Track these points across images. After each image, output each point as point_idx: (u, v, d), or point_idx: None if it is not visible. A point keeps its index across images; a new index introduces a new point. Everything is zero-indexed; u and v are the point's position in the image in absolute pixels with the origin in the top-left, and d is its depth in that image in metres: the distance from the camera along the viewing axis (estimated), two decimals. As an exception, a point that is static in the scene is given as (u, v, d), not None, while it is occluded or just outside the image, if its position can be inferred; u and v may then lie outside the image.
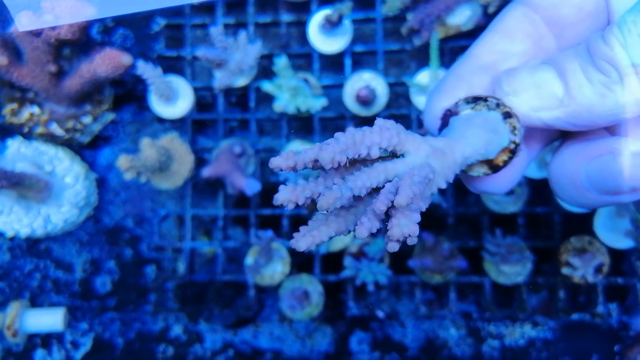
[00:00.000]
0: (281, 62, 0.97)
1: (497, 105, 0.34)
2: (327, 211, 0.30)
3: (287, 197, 0.31)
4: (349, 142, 0.30)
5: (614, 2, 0.35)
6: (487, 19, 0.98)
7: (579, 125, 0.34)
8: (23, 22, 0.87)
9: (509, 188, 0.37)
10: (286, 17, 1.08)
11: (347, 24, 1.03)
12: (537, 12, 0.37)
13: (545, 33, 0.36)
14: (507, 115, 0.34)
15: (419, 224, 0.31)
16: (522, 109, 0.34)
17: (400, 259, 1.03)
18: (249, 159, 1.05)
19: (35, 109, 0.98)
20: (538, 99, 0.34)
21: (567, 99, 0.33)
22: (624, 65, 0.30)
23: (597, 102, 0.32)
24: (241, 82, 1.04)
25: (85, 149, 1.08)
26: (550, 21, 0.36)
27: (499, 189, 0.37)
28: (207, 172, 0.98)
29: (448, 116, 0.36)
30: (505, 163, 0.34)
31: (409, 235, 0.30)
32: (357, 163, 0.33)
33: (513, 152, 0.34)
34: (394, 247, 0.31)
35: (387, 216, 0.32)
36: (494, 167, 0.34)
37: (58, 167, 1.00)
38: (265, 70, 1.09)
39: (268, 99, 1.08)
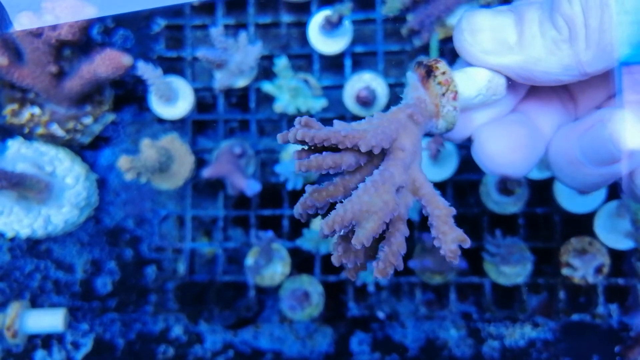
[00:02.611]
0: (281, 63, 0.97)
1: (417, 64, 0.35)
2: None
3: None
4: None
5: None
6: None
7: (522, 76, 0.34)
8: (23, 23, 0.87)
9: (527, 167, 0.37)
10: (286, 18, 1.08)
11: (347, 24, 1.03)
12: None
13: None
14: (422, 68, 0.35)
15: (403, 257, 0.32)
16: (472, 50, 0.35)
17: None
18: (249, 160, 1.05)
19: (36, 110, 0.99)
20: (491, 42, 0.34)
21: (517, 47, 0.33)
22: (577, 25, 0.31)
23: (544, 57, 0.32)
24: (241, 82, 1.04)
25: (85, 150, 1.08)
26: None
27: (516, 169, 0.36)
28: (207, 172, 0.98)
29: None
30: (439, 107, 0.35)
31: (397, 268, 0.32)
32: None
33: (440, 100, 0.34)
34: (383, 278, 0.32)
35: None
36: (440, 117, 0.35)
37: (59, 167, 1.00)
38: (265, 71, 1.09)
39: (268, 99, 1.08)
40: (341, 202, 0.31)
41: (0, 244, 1.08)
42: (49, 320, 1.01)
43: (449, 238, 0.31)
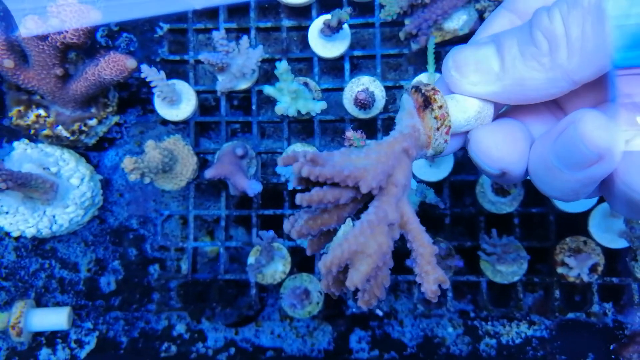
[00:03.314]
0: (282, 66, 0.99)
1: (414, 89, 0.37)
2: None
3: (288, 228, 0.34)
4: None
5: None
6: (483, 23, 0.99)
7: (513, 99, 0.36)
8: (29, 26, 0.88)
9: (522, 163, 0.37)
10: (287, 22, 1.10)
11: (346, 29, 1.04)
12: (520, 18, 0.39)
13: None
14: (419, 95, 0.36)
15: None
16: (461, 84, 0.36)
17: (398, 259, 1.04)
18: (251, 161, 1.06)
19: (42, 112, 1.00)
20: (477, 73, 0.35)
21: (502, 73, 0.35)
22: (558, 36, 0.32)
23: (527, 76, 0.33)
24: (243, 85, 1.05)
25: (90, 151, 1.10)
26: None
27: (512, 163, 0.36)
28: (209, 173, 0.99)
29: None
30: (432, 130, 0.36)
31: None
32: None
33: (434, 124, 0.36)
34: (366, 308, 0.34)
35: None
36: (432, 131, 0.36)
37: (64, 168, 1.01)
38: (266, 74, 1.11)
39: (270, 102, 1.09)
40: (334, 229, 0.33)
41: (6, 244, 1.09)
42: (53, 318, 1.02)
43: (431, 278, 0.33)
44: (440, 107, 0.36)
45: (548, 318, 1.07)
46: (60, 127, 1.00)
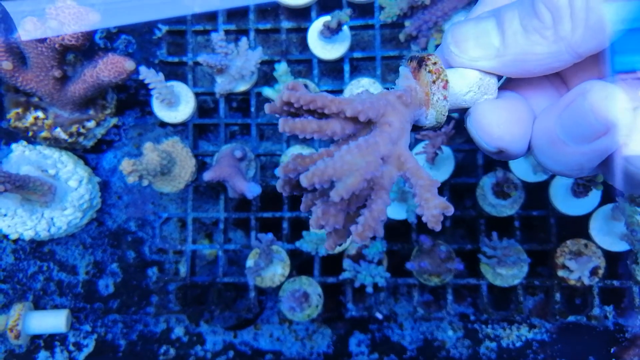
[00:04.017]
0: (281, 68, 0.99)
1: (411, 58, 0.36)
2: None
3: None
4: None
5: None
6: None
7: (515, 73, 0.35)
8: (27, 28, 0.88)
9: (523, 143, 0.36)
10: (286, 24, 1.09)
11: (346, 30, 1.04)
12: None
13: None
14: (414, 61, 0.35)
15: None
16: (461, 60, 0.35)
17: (398, 262, 1.04)
18: (249, 163, 1.06)
19: (40, 114, 1.00)
20: (476, 49, 0.35)
21: (502, 48, 0.34)
22: (562, 7, 0.31)
23: (529, 50, 0.32)
24: (242, 87, 1.05)
25: (88, 153, 1.09)
26: None
27: (513, 142, 0.35)
28: (208, 175, 0.99)
29: None
30: (429, 95, 0.35)
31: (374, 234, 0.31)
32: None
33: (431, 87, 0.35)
34: (362, 241, 0.31)
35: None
36: (429, 104, 0.35)
37: (62, 170, 1.01)
38: (265, 76, 1.11)
39: (268, 103, 1.09)
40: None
41: (4, 246, 1.09)
42: (51, 321, 1.02)
43: (432, 204, 0.31)
44: (435, 63, 0.35)
45: (549, 321, 1.06)
46: (58, 129, 1.00)
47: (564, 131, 0.33)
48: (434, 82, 0.34)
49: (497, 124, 0.35)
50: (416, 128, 0.37)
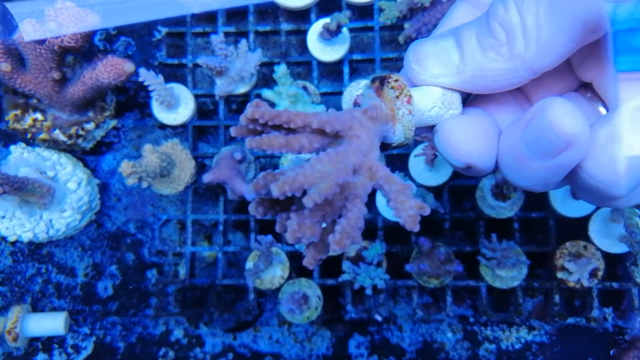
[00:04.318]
0: (281, 70, 0.99)
1: (374, 80, 0.37)
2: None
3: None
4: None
5: None
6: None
7: (475, 89, 0.36)
8: (26, 30, 0.88)
9: (491, 158, 0.37)
10: (286, 26, 1.09)
11: (345, 32, 1.04)
12: (478, 9, 0.40)
13: None
14: (377, 81, 0.36)
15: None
16: (423, 77, 0.37)
17: (397, 264, 1.04)
18: (249, 165, 1.06)
19: (39, 116, 0.99)
20: (437, 66, 0.36)
21: (462, 65, 0.35)
22: (514, 26, 0.32)
23: (487, 67, 0.34)
24: (242, 89, 1.05)
25: (87, 155, 1.09)
26: None
27: (481, 158, 0.36)
28: (208, 177, 0.99)
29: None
30: (396, 115, 0.35)
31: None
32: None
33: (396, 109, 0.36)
34: (340, 250, 0.31)
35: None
36: (394, 119, 0.36)
37: (61, 172, 1.01)
38: (265, 78, 1.11)
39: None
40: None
41: (2, 248, 1.09)
42: (50, 323, 1.02)
43: (407, 206, 0.31)
44: (397, 80, 0.36)
45: (548, 323, 1.06)
46: (57, 131, 1.00)
47: (527, 147, 0.33)
48: (397, 97, 0.35)
49: (465, 140, 0.36)
50: (385, 146, 0.37)
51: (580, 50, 0.34)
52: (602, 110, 0.38)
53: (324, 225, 0.33)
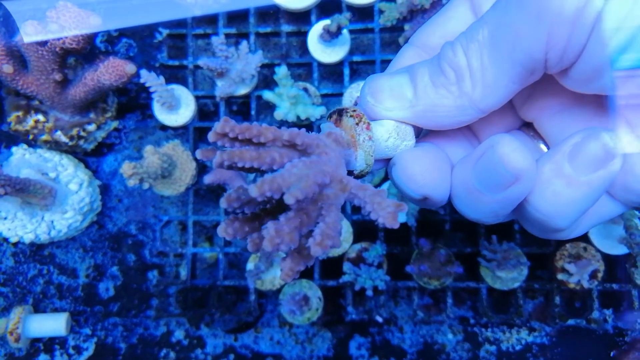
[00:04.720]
0: (281, 72, 0.99)
1: (331, 114, 0.39)
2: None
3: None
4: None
5: None
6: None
7: (428, 125, 0.38)
8: (28, 32, 0.88)
9: (446, 189, 0.38)
10: (286, 27, 1.10)
11: (345, 34, 1.05)
12: (426, 52, 0.42)
13: None
14: (334, 114, 0.38)
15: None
16: (377, 109, 0.38)
17: (398, 265, 1.04)
18: (249, 166, 1.06)
19: (40, 117, 1.00)
20: (391, 100, 0.38)
21: (415, 100, 0.37)
22: (462, 67, 0.34)
23: (439, 103, 0.36)
24: (242, 90, 1.05)
25: (89, 156, 1.09)
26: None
27: (437, 189, 0.38)
28: (209, 179, 0.99)
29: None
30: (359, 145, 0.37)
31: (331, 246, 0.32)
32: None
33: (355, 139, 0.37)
34: (322, 252, 0.31)
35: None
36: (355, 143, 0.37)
37: (62, 173, 1.01)
38: (266, 79, 1.11)
39: (269, 107, 1.09)
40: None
41: (4, 249, 1.09)
42: (51, 324, 1.02)
43: (384, 205, 0.31)
44: (354, 110, 0.37)
45: (548, 324, 1.06)
46: (59, 133, 1.00)
47: (479, 181, 0.35)
48: (357, 124, 0.37)
49: (421, 172, 0.38)
50: (348, 174, 0.38)
51: (521, 92, 0.36)
52: (543, 147, 0.41)
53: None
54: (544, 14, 0.30)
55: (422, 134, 0.43)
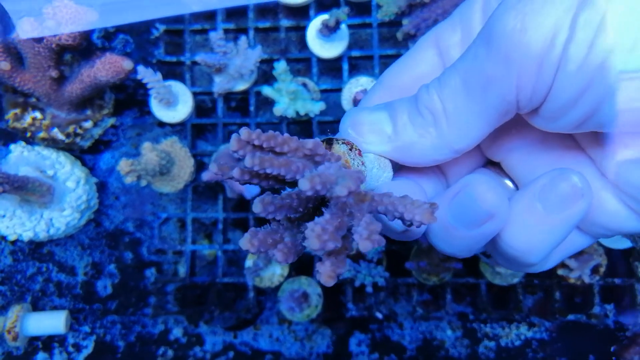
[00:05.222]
0: (280, 67, 0.98)
1: (321, 141, 0.39)
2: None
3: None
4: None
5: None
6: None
7: (405, 161, 0.40)
8: (25, 28, 0.88)
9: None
10: (285, 22, 1.09)
11: (344, 29, 1.04)
12: (393, 95, 0.43)
13: None
14: (324, 143, 0.39)
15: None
16: (357, 142, 0.40)
17: (397, 261, 1.04)
18: (248, 163, 1.06)
19: (38, 114, 0.99)
20: (371, 134, 0.40)
21: (394, 135, 0.39)
22: (437, 110, 0.36)
23: (416, 141, 0.38)
24: (241, 86, 1.05)
25: (85, 154, 1.09)
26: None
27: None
28: (207, 175, 0.99)
29: None
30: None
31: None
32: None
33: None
34: (373, 245, 0.31)
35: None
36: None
37: (60, 171, 1.01)
38: (264, 74, 1.10)
39: (268, 103, 1.09)
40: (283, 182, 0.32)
41: (2, 247, 1.09)
42: (50, 322, 1.02)
43: (417, 204, 0.32)
44: (344, 139, 0.39)
45: (548, 320, 1.06)
46: (55, 130, 1.00)
47: (454, 218, 0.37)
48: (350, 149, 0.38)
49: None
50: None
51: (489, 134, 0.38)
52: (509, 183, 0.43)
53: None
54: (512, 57, 0.31)
55: (395, 171, 0.45)
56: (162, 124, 1.09)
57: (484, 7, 0.40)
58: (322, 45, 1.05)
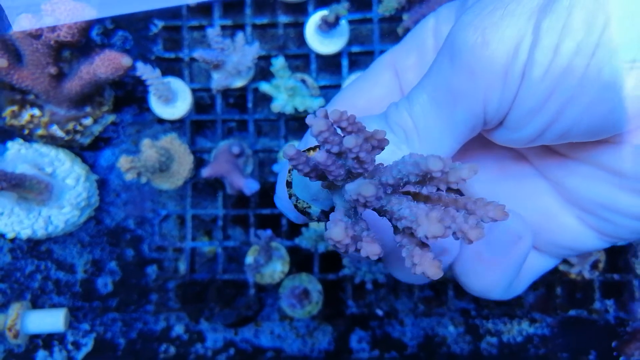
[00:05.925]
0: (279, 63, 0.98)
1: (309, 149, 0.39)
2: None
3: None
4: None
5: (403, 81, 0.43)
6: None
7: None
8: (23, 25, 0.87)
9: (395, 255, 0.41)
10: (283, 18, 1.09)
11: (343, 24, 1.03)
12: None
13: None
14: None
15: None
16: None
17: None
18: (247, 159, 1.05)
19: (36, 111, 0.99)
20: None
21: None
22: (408, 127, 0.36)
23: (389, 158, 0.37)
24: (239, 83, 1.05)
25: (85, 151, 1.08)
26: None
27: (387, 254, 0.41)
28: (206, 172, 0.98)
29: None
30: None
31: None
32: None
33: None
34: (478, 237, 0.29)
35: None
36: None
37: (59, 168, 1.00)
38: (262, 71, 1.10)
39: (266, 99, 1.08)
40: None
41: (1, 245, 1.08)
42: (50, 320, 1.02)
43: (490, 207, 0.29)
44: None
45: (549, 315, 1.06)
46: (54, 127, 0.99)
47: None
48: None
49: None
50: (325, 214, 0.41)
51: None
52: None
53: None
54: (476, 71, 0.31)
55: None
56: (161, 121, 1.09)
57: (435, 32, 0.41)
58: (321, 41, 1.04)
